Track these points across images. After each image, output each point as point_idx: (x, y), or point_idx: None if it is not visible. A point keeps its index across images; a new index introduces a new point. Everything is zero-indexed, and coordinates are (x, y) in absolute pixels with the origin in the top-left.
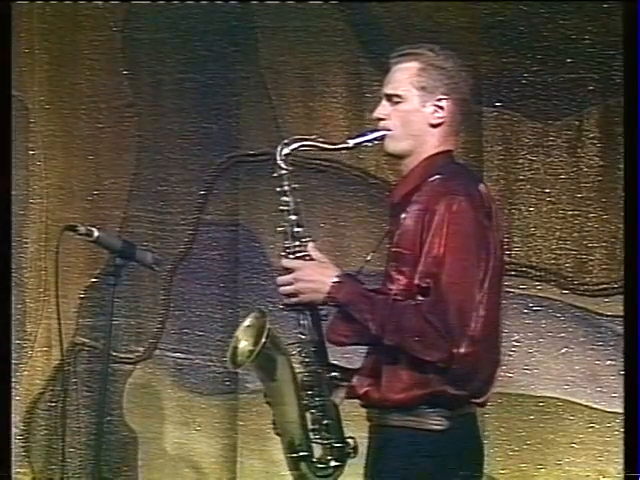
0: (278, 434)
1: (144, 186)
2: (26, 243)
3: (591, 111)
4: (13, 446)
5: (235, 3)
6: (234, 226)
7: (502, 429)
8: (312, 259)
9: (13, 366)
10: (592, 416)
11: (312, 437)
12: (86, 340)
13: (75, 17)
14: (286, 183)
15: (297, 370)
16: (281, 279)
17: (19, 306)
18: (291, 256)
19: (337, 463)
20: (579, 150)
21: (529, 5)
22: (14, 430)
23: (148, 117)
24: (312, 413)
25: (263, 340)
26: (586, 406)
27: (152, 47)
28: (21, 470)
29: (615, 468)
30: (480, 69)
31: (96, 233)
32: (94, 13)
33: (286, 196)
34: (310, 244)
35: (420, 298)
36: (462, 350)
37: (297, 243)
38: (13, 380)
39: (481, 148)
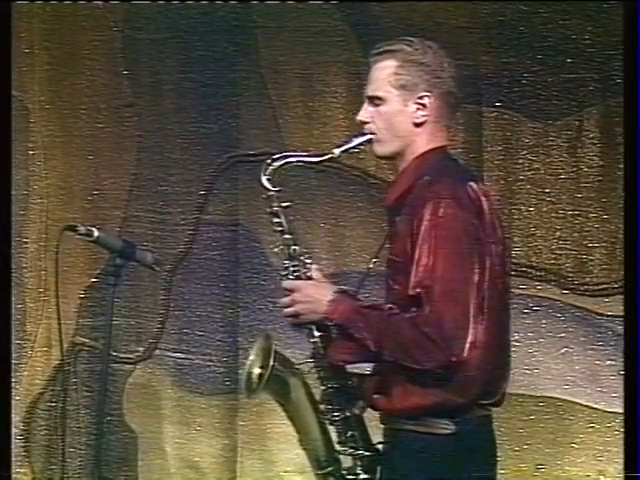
0: (304, 449)
1: (144, 186)
2: (26, 243)
3: (591, 111)
4: (13, 446)
5: (235, 3)
6: (234, 226)
7: (502, 429)
8: (311, 278)
9: (13, 366)
10: (592, 416)
11: (340, 449)
12: (86, 340)
13: (75, 17)
14: (275, 204)
15: (313, 386)
16: (282, 301)
17: (19, 306)
18: (290, 276)
19: (367, 475)
20: (579, 150)
21: (529, 5)
22: (14, 430)
23: (148, 117)
24: (336, 427)
25: (271, 363)
26: (586, 406)
27: (152, 47)
28: (21, 470)
29: (615, 468)
30: (480, 69)
31: (96, 233)
32: (94, 13)
33: (277, 217)
34: (314, 266)
35: (414, 310)
36: (462, 358)
37: (295, 262)
38: (13, 380)
39: (481, 148)
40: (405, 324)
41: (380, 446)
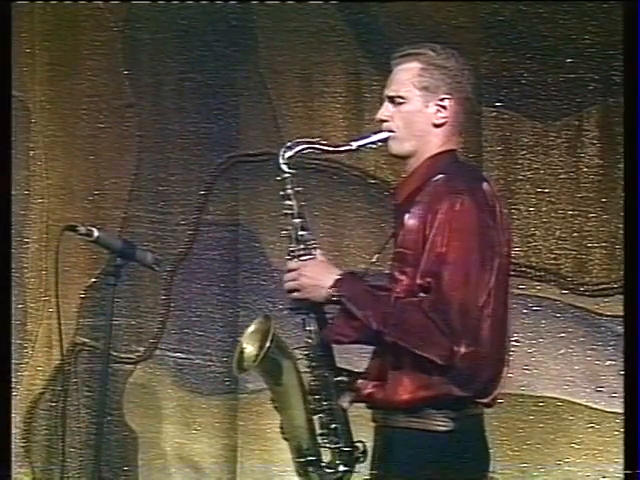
0: (286, 439)
1: (144, 186)
2: (27, 243)
3: (591, 111)
4: (13, 446)
5: (235, 3)
6: (234, 226)
7: (502, 429)
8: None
9: (13, 366)
10: (592, 416)
11: (320, 442)
12: (86, 340)
13: (75, 17)
14: (289, 187)
15: (304, 374)
16: (286, 276)
17: (20, 306)
18: (295, 260)
19: (346, 468)
20: (579, 150)
21: (529, 5)
22: (14, 430)
23: (148, 117)
24: (320, 417)
25: (267, 344)
26: (586, 406)
27: (152, 47)
28: (21, 470)
29: (615, 468)
30: (480, 69)
31: (96, 233)
32: (94, 13)
33: (289, 200)
34: (318, 251)
35: (422, 294)
36: (463, 349)
37: (302, 246)
38: (13, 380)
39: (481, 148)
40: (411, 307)
41: (360, 444)
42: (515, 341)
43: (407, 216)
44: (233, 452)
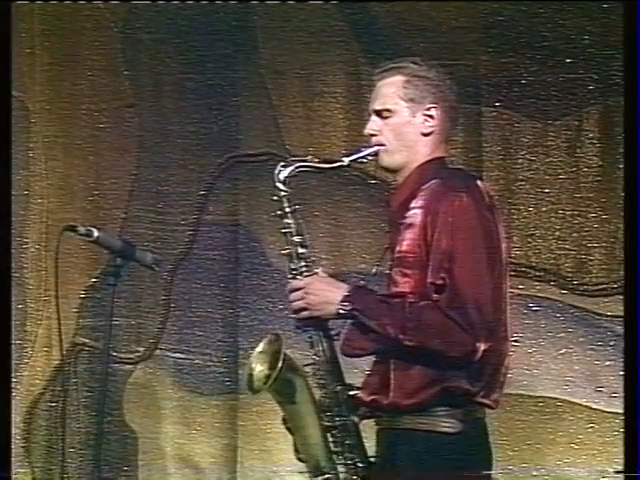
0: (300, 460)
1: (144, 186)
2: (27, 243)
3: (591, 111)
4: (13, 446)
5: (235, 3)
6: (234, 226)
7: (502, 429)
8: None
9: (13, 366)
10: (592, 416)
11: (335, 459)
12: (86, 340)
13: (75, 17)
14: (286, 205)
15: (315, 392)
16: (292, 296)
17: (19, 306)
18: (298, 277)
19: None
20: (579, 150)
21: (529, 5)
22: (14, 430)
23: (148, 117)
24: (333, 434)
25: (280, 364)
26: (586, 406)
27: (152, 47)
28: (21, 470)
29: (615, 468)
30: (480, 69)
31: (96, 233)
32: (94, 13)
33: (287, 218)
34: (320, 269)
35: (436, 296)
36: (483, 345)
37: (303, 263)
38: (13, 380)
39: (481, 148)
40: (429, 309)
41: (374, 459)
42: (515, 341)
43: (404, 222)
44: (233, 452)
